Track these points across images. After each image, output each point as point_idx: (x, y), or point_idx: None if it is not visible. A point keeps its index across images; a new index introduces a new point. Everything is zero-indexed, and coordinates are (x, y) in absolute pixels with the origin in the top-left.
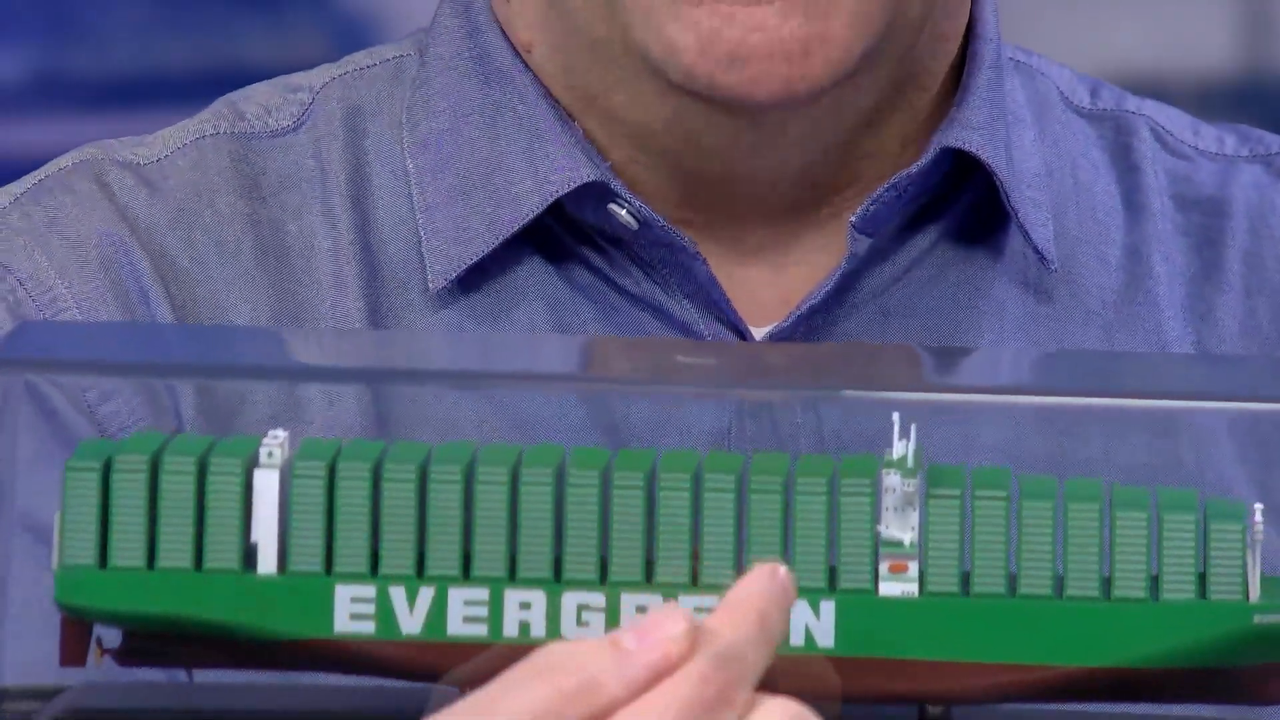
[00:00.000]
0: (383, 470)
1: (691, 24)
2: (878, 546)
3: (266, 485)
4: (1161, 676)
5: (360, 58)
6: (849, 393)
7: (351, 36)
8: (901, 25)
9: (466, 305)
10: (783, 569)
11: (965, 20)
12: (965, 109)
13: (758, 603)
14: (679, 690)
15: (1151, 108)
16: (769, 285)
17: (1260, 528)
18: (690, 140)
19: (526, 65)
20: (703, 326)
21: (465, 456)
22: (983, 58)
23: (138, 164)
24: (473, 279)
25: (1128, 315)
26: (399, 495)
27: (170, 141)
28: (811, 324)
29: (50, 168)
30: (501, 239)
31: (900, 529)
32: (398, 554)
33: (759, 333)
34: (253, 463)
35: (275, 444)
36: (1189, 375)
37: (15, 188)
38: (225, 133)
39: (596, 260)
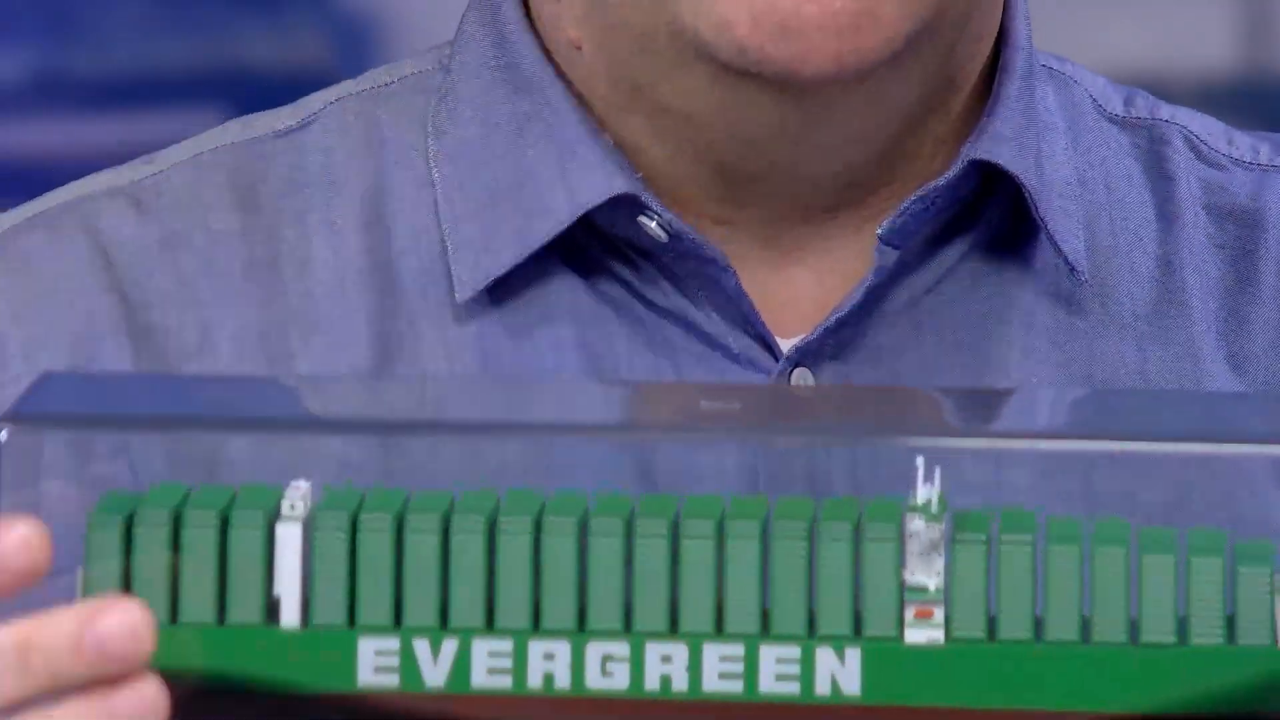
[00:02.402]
0: (406, 522)
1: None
2: (903, 592)
3: (289, 539)
4: None
5: (379, 75)
6: (872, 439)
7: (352, 37)
8: (946, 18)
9: (493, 317)
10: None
11: (998, 22)
12: (995, 119)
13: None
14: None
15: (1185, 116)
16: (802, 291)
17: None
18: (736, 129)
19: (559, 74)
20: (731, 340)
21: (488, 506)
22: (1014, 66)
23: (134, 182)
24: (499, 290)
25: (1160, 327)
26: (422, 547)
27: (172, 157)
28: (840, 337)
29: (50, 199)
30: (531, 250)
31: (925, 574)
32: (421, 606)
33: (786, 345)
34: (275, 516)
35: (298, 495)
36: (1220, 414)
37: (7, 219)
38: (226, 145)
39: (625, 273)
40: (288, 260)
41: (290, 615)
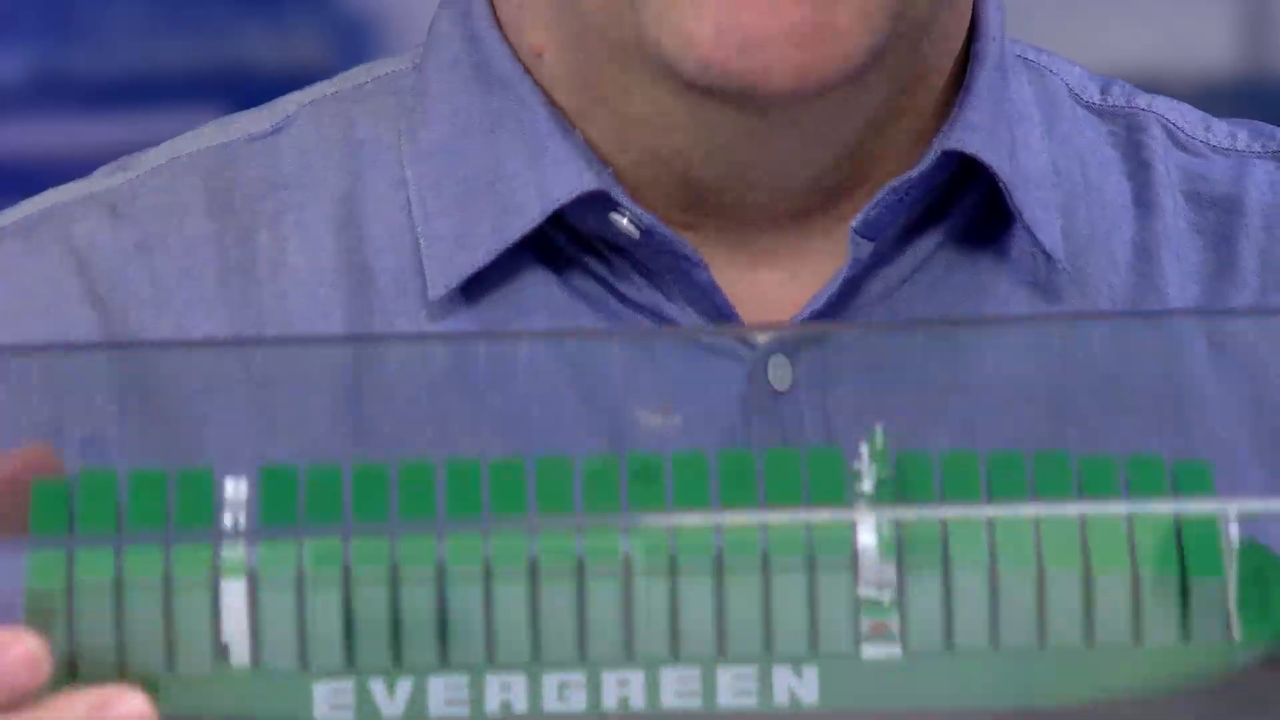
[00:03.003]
0: (352, 574)
1: (706, 14)
2: (858, 608)
3: (234, 593)
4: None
5: (354, 75)
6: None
7: (352, 37)
8: (911, 21)
9: (467, 314)
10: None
11: (969, 17)
12: (966, 110)
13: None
14: None
15: (1163, 104)
16: (779, 290)
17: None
18: (702, 142)
19: (528, 72)
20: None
21: (433, 552)
22: (986, 57)
23: (110, 188)
24: (473, 287)
25: None
26: (370, 598)
27: (149, 162)
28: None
29: (25, 208)
30: (504, 247)
31: (879, 589)
32: (373, 650)
33: (762, 338)
34: (217, 571)
35: (235, 553)
36: None
37: None
38: (201, 149)
39: (599, 268)
40: (263, 263)
41: (240, 659)
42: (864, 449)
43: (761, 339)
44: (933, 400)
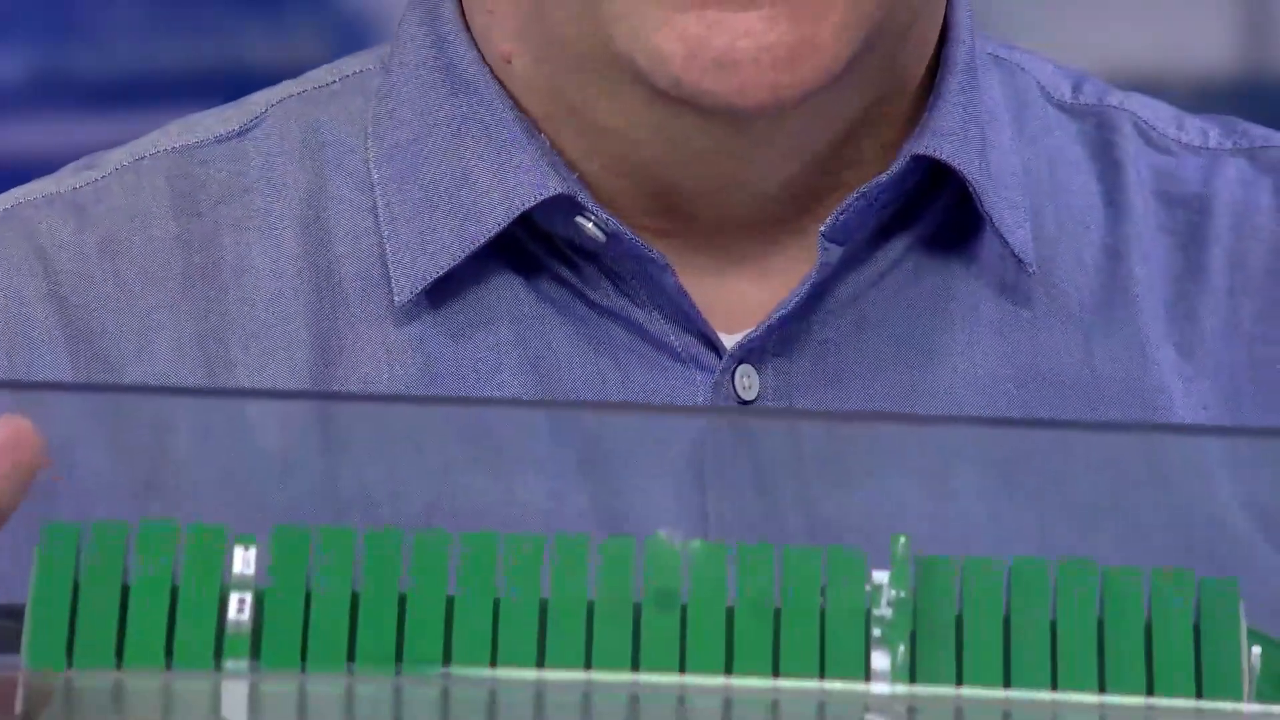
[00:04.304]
0: (354, 676)
1: (678, 32)
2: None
3: (236, 694)
4: None
5: (321, 74)
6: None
7: (352, 37)
8: (888, 32)
9: (433, 318)
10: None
11: (940, 22)
12: (936, 114)
13: None
14: None
15: (1136, 102)
16: (750, 294)
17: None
18: (674, 150)
19: (494, 76)
20: (674, 338)
21: (436, 649)
22: (955, 61)
23: (74, 189)
24: (440, 292)
25: (1106, 317)
26: (372, 700)
27: (114, 162)
28: (784, 333)
29: None
30: (469, 251)
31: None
32: None
33: (730, 341)
34: (220, 625)
35: (245, 589)
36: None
37: None
38: (167, 149)
39: (566, 273)
40: (228, 267)
41: None
42: (879, 580)
43: (730, 347)
44: (899, 408)
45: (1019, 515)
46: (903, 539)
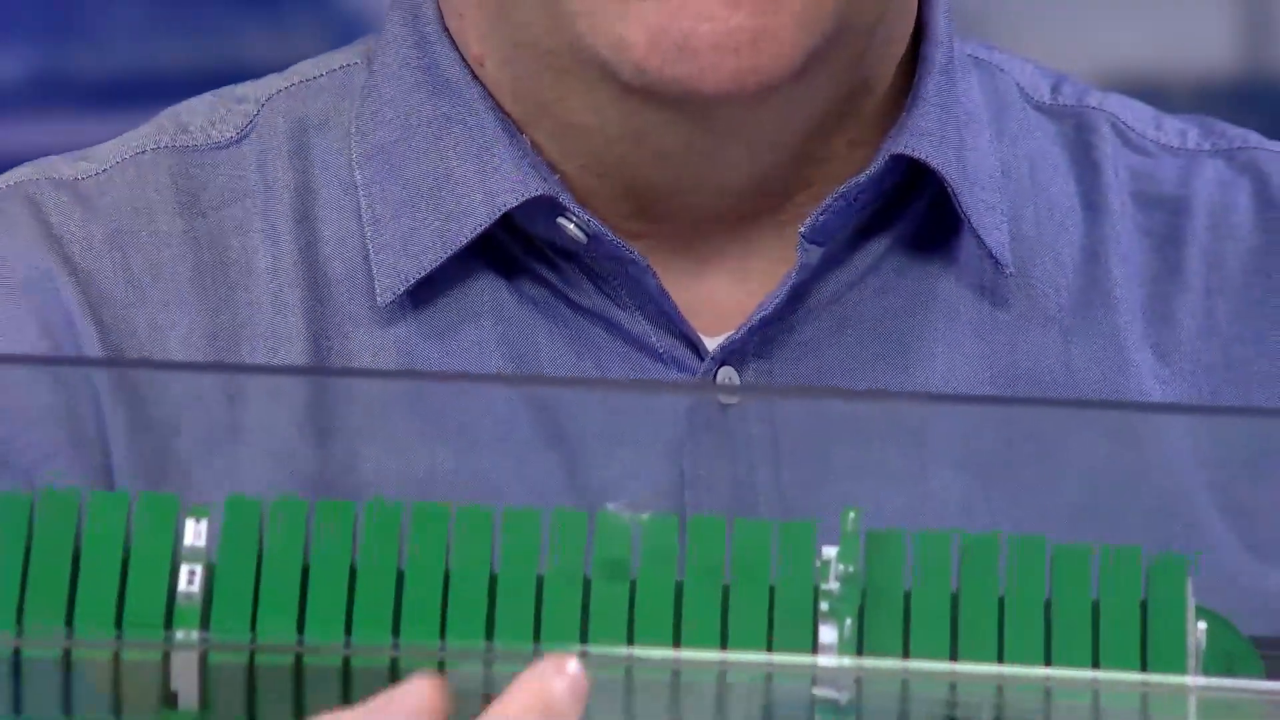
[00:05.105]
0: (304, 668)
1: (640, 20)
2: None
3: (187, 665)
4: None
5: (307, 68)
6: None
7: (351, 37)
8: (853, 28)
9: (416, 319)
10: (574, 662)
11: (913, 20)
12: (915, 115)
13: (543, 691)
14: None
15: (1115, 103)
16: (728, 293)
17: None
18: (643, 147)
19: (476, 77)
20: (655, 339)
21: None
22: (933, 61)
23: (76, 179)
24: (422, 293)
25: (1084, 318)
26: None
27: (111, 155)
28: (765, 334)
29: None
30: (450, 252)
31: (836, 690)
32: None
33: (712, 343)
34: (171, 592)
35: (196, 563)
36: None
37: None
38: (166, 146)
39: (548, 274)
40: (234, 268)
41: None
42: (828, 555)
43: (711, 349)
44: (879, 410)
45: (990, 494)
46: (853, 513)
